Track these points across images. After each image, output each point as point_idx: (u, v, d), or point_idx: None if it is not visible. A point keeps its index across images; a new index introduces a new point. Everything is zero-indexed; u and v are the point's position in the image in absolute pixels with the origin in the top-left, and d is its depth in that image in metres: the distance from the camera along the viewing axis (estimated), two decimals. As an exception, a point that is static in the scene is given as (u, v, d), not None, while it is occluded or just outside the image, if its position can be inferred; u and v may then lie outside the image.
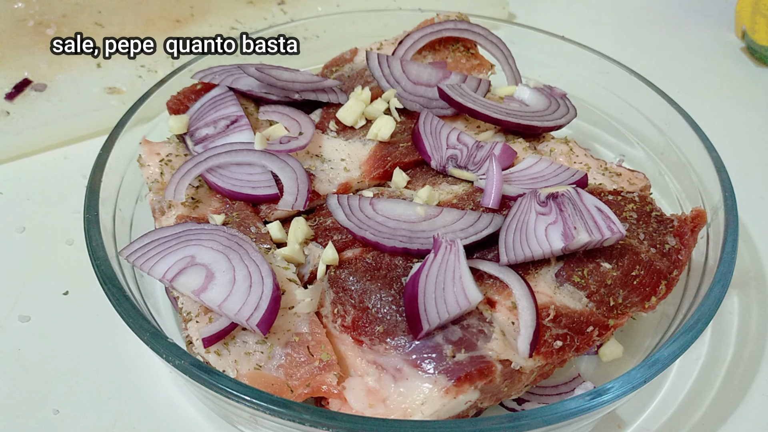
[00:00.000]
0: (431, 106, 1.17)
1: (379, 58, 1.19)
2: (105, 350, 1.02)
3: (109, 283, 0.87)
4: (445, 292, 0.82)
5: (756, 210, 1.29)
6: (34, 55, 1.47)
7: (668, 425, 0.96)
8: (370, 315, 0.85)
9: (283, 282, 0.88)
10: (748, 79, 1.67)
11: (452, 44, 1.30)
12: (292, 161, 1.01)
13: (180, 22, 1.61)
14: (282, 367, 0.81)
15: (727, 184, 1.02)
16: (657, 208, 0.99)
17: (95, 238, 0.92)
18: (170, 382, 0.98)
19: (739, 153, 1.42)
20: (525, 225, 0.90)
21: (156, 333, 0.81)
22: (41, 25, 1.55)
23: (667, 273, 0.91)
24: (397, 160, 1.08)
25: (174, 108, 1.15)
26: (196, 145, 1.06)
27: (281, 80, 1.14)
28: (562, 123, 1.15)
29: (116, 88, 1.44)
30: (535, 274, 0.91)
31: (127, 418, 0.94)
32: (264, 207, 1.01)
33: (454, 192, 1.04)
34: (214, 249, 0.86)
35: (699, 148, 1.10)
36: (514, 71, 1.30)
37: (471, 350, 0.81)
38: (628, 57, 1.42)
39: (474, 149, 1.08)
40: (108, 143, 1.07)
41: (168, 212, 0.99)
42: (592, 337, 0.86)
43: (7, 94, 1.39)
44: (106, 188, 1.01)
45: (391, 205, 0.97)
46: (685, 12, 1.93)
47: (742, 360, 1.04)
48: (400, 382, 0.80)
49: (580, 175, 1.02)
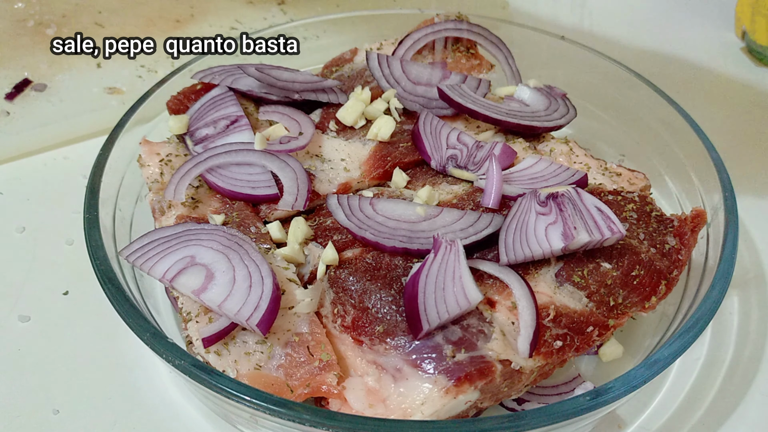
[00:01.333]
0: (431, 106, 1.17)
1: (379, 58, 1.19)
2: (105, 350, 1.02)
3: (109, 283, 0.87)
4: (445, 292, 0.82)
5: (756, 210, 1.29)
6: (34, 55, 1.47)
7: (668, 425, 0.96)
8: (370, 315, 0.85)
9: (283, 282, 0.88)
10: (748, 79, 1.67)
11: (452, 44, 1.30)
12: (292, 161, 1.01)
13: (180, 22, 1.61)
14: (282, 367, 0.81)
15: (727, 184, 1.02)
16: (657, 208, 0.99)
17: (95, 238, 0.92)
18: (170, 382, 0.98)
19: (739, 153, 1.42)
20: (525, 225, 0.90)
21: (156, 333, 0.81)
22: (41, 25, 1.55)
23: (667, 273, 0.91)
24: (397, 160, 1.08)
25: (174, 108, 1.15)
26: (196, 145, 1.06)
27: (281, 80, 1.14)
28: (562, 123, 1.15)
29: (116, 88, 1.44)
30: (535, 274, 0.91)
31: (127, 418, 0.94)
32: (264, 207, 1.01)
33: (454, 192, 1.04)
34: (214, 249, 0.86)
35: (699, 148, 1.10)
36: (514, 71, 1.30)
37: (471, 350, 0.81)
38: (628, 57, 1.42)
39: (474, 149, 1.08)
40: (108, 143, 1.07)
41: (168, 212, 0.99)
42: (592, 337, 0.86)
43: (7, 94, 1.39)
44: (106, 188, 1.01)
45: (391, 205, 0.97)
46: (685, 12, 1.93)
47: (742, 360, 1.04)
48: (400, 382, 0.80)
49: (580, 175, 1.02)
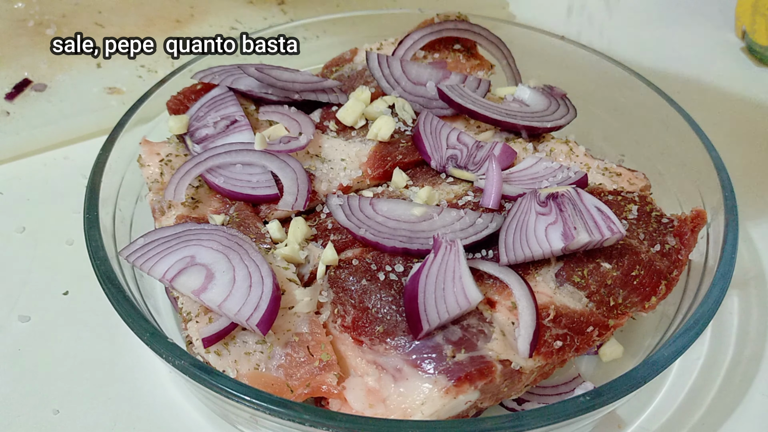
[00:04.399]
0: (431, 106, 1.17)
1: (379, 58, 1.19)
2: (105, 350, 1.02)
3: (109, 283, 0.87)
4: (445, 292, 0.82)
5: (756, 210, 1.29)
6: (34, 55, 1.47)
7: (668, 425, 0.96)
8: (370, 315, 0.85)
9: (283, 282, 0.88)
10: (748, 79, 1.67)
11: (452, 44, 1.30)
12: (292, 161, 1.01)
13: (180, 22, 1.61)
14: (282, 367, 0.81)
15: (727, 184, 1.02)
16: (657, 208, 0.99)
17: (95, 238, 0.92)
18: (170, 382, 0.98)
19: (739, 153, 1.42)
20: (525, 225, 0.90)
21: (156, 333, 0.81)
22: (41, 25, 1.55)
23: (667, 273, 0.91)
24: (397, 160, 1.08)
25: (174, 108, 1.15)
26: (196, 145, 1.06)
27: (281, 80, 1.14)
28: (562, 123, 1.15)
29: (116, 88, 1.44)
30: (535, 274, 0.91)
31: (127, 418, 0.94)
32: (264, 207, 1.01)
33: (454, 192, 1.04)
34: (214, 249, 0.86)
35: (699, 148, 1.10)
36: (514, 71, 1.29)
37: (471, 350, 0.81)
38: (628, 57, 1.42)
39: (474, 149, 1.08)
40: (108, 143, 1.07)
41: (168, 212, 0.99)
42: (592, 337, 0.86)
43: (7, 94, 1.39)
44: (106, 188, 1.01)
45: (391, 205, 0.97)
46: (685, 12, 1.93)
47: (742, 360, 1.04)
48: (400, 382, 0.80)
49: (580, 175, 1.02)
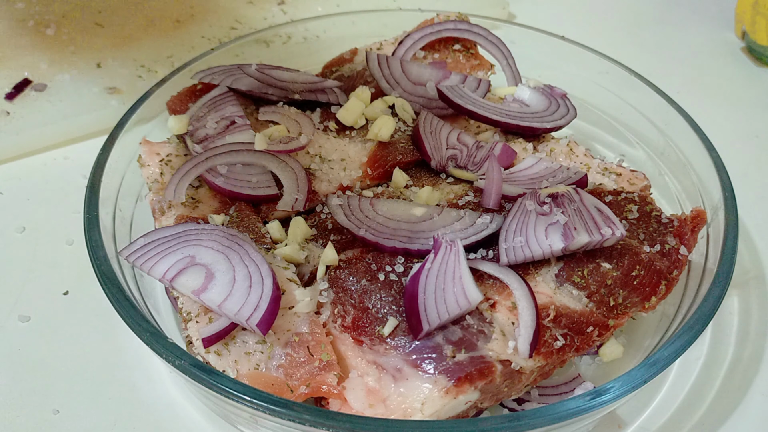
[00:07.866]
0: (431, 106, 1.17)
1: (378, 58, 1.19)
2: (105, 350, 1.02)
3: (109, 283, 0.87)
4: (445, 292, 0.82)
5: (756, 210, 1.29)
6: (34, 55, 1.47)
7: (668, 425, 0.96)
8: (370, 315, 0.85)
9: (283, 282, 0.88)
10: (748, 79, 1.67)
11: (452, 44, 1.30)
12: (292, 161, 1.01)
13: (180, 22, 1.61)
14: (282, 367, 0.81)
15: (727, 184, 1.02)
16: (657, 208, 0.99)
17: (95, 238, 0.92)
18: (170, 382, 0.98)
19: (739, 153, 1.42)
20: (525, 225, 0.90)
21: (156, 333, 0.81)
22: (41, 25, 1.55)
23: (667, 273, 0.91)
24: (397, 160, 1.08)
25: (174, 108, 1.15)
26: (196, 145, 1.06)
27: (281, 80, 1.14)
28: (562, 123, 1.15)
29: (116, 88, 1.43)
30: (535, 274, 0.91)
31: (127, 418, 0.94)
32: (264, 207, 1.01)
33: (454, 192, 1.04)
34: (214, 249, 0.86)
35: (699, 148, 1.10)
36: (514, 71, 1.29)
37: (471, 350, 0.81)
38: (628, 57, 1.42)
39: (474, 149, 1.08)
40: (108, 143, 1.07)
41: (168, 212, 0.99)
42: (592, 337, 0.86)
43: (7, 94, 1.39)
44: (106, 188, 1.01)
45: (391, 205, 0.97)
46: (685, 12, 1.92)
47: (742, 360, 1.04)
48: (400, 382, 0.80)
49: (580, 175, 1.02)
